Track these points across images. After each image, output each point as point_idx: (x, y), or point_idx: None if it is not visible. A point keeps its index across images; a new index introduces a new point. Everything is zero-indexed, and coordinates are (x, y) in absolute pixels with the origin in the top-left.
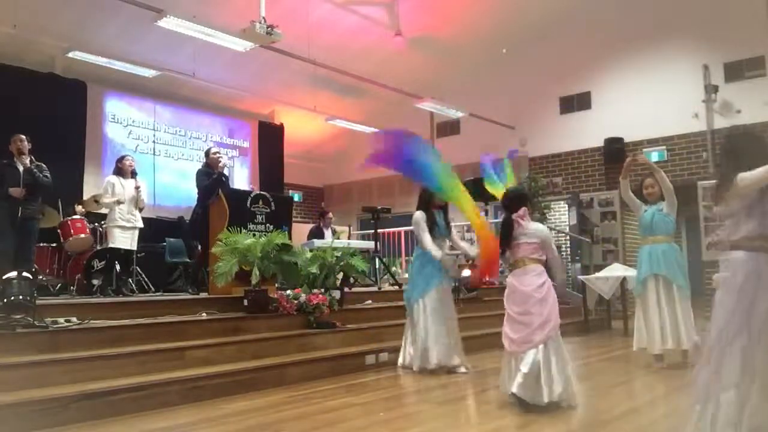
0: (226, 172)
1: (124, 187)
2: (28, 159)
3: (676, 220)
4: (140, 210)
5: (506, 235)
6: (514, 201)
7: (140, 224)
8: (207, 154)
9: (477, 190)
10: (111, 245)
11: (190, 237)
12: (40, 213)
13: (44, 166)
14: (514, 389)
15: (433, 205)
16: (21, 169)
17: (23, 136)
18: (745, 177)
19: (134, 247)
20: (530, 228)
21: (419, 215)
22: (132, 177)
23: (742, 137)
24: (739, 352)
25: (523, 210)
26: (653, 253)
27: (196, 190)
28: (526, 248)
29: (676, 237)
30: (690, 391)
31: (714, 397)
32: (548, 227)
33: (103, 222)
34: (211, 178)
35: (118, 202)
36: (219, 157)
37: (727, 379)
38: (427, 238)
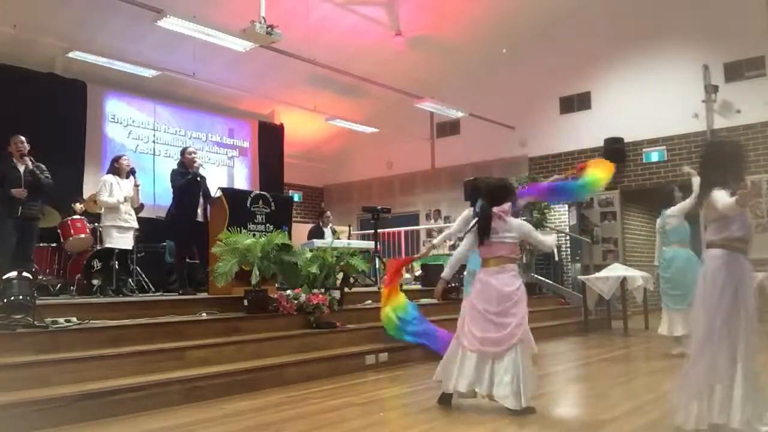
0: (201, 171)
1: (122, 187)
2: (28, 160)
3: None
4: (137, 210)
5: (486, 227)
6: (499, 192)
7: (136, 224)
8: (182, 153)
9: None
10: (108, 245)
11: (168, 237)
12: (41, 213)
13: (44, 166)
14: (500, 399)
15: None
16: (21, 169)
17: (23, 137)
18: (717, 201)
19: (130, 247)
20: (514, 224)
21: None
22: (127, 177)
23: (720, 145)
24: (727, 346)
25: (508, 205)
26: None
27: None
28: (506, 247)
29: None
30: (685, 381)
31: (708, 389)
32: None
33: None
34: (185, 177)
35: (125, 200)
36: (194, 157)
37: (721, 371)
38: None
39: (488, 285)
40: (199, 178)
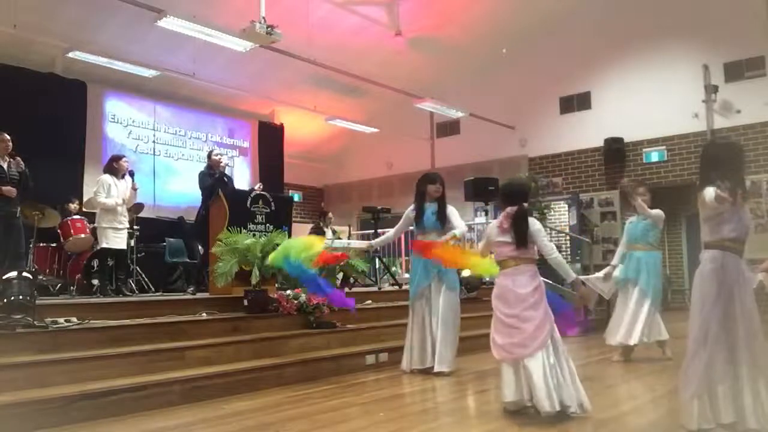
0: (228, 172)
1: (118, 187)
2: (19, 159)
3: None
4: (137, 210)
5: (523, 229)
6: (514, 193)
7: (128, 225)
8: (209, 156)
9: (477, 189)
10: (104, 245)
11: (193, 237)
12: (18, 210)
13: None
14: (534, 402)
15: (425, 197)
16: (6, 167)
17: (7, 135)
18: (705, 197)
19: (125, 246)
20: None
21: (408, 210)
22: (123, 177)
23: (720, 147)
24: (724, 347)
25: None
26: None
27: (198, 191)
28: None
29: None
30: (684, 382)
31: (710, 388)
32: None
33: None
34: (213, 178)
35: (123, 201)
36: (220, 158)
37: (719, 372)
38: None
39: (505, 287)
40: (226, 179)
